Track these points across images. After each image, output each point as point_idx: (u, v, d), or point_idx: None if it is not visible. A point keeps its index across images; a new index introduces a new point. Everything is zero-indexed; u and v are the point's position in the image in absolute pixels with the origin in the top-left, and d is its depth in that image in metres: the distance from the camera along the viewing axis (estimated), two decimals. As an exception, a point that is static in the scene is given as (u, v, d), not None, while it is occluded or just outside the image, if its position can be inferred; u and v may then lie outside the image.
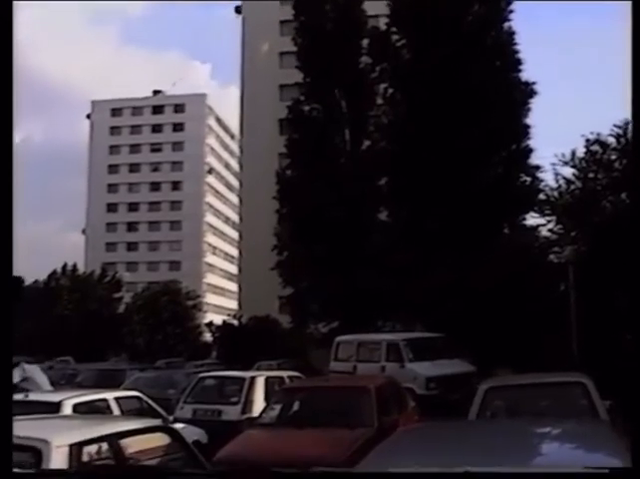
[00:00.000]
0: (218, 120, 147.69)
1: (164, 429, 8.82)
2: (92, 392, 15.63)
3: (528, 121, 39.50)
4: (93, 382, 27.98)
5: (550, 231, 39.48)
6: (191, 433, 14.48)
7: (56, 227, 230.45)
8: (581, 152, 38.79)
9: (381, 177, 42.59)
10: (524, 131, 39.30)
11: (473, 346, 30.31)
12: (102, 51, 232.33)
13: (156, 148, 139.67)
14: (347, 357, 28.53)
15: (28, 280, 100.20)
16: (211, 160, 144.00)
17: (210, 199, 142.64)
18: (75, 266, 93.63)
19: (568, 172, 39.74)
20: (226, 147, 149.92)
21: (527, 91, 39.13)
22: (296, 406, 15.41)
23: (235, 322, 64.07)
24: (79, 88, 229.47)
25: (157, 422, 10.08)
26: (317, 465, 11.52)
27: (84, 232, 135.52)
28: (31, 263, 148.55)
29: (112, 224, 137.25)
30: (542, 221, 39.75)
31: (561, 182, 39.66)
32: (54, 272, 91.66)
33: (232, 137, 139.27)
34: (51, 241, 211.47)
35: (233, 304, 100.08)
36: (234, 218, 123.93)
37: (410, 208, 38.27)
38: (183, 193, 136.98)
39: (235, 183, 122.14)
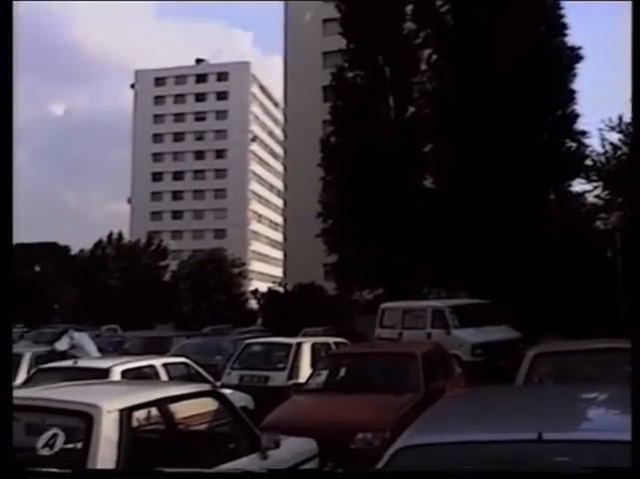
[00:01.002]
0: (262, 88, 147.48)
1: (213, 394, 8.81)
2: (140, 359, 15.77)
3: (574, 86, 39.16)
4: (140, 349, 28.09)
5: (597, 197, 39.27)
6: (238, 399, 14.53)
7: (101, 196, 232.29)
8: (628, 117, 38.42)
9: (425, 143, 42.35)
10: (570, 96, 38.93)
11: (519, 313, 30.18)
12: (144, 22, 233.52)
13: (200, 116, 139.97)
14: (392, 324, 28.57)
15: (74, 250, 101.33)
16: (255, 128, 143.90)
17: (255, 166, 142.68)
18: (120, 235, 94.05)
19: (615, 137, 39.42)
20: (270, 114, 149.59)
21: (573, 56, 38.71)
22: (343, 372, 15.46)
23: (281, 289, 64.25)
24: (122, 59, 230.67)
25: (205, 387, 10.14)
26: (363, 430, 11.63)
27: (129, 201, 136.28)
28: (76, 233, 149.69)
29: (157, 192, 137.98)
30: (589, 187, 39.52)
31: (608, 147, 39.41)
32: (100, 241, 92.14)
33: (276, 105, 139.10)
34: (96, 211, 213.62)
35: (278, 272, 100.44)
36: (279, 185, 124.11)
37: (455, 174, 38.06)
38: (228, 161, 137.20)
39: (279, 150, 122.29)
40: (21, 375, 16.98)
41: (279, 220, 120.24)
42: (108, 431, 6.37)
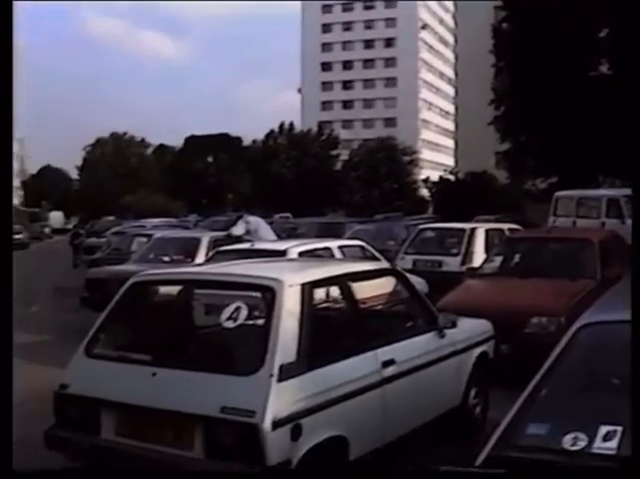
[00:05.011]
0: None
1: (393, 272, 8.86)
2: (316, 241, 15.87)
3: None
4: (314, 235, 28.11)
5: None
6: (413, 282, 14.56)
7: (272, 87, 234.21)
8: None
9: (601, 28, 40.92)
10: None
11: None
12: None
13: (368, 5, 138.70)
14: (566, 213, 28.07)
15: (247, 141, 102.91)
16: (425, 16, 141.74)
17: (425, 55, 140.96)
18: (292, 125, 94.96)
19: None
20: (440, 1, 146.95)
21: None
22: (518, 257, 15.22)
23: (452, 178, 63.92)
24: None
25: (385, 265, 10.20)
26: (538, 315, 11.56)
27: (299, 91, 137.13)
28: (249, 124, 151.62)
29: (327, 82, 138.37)
30: None
31: None
32: (272, 132, 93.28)
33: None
34: (268, 102, 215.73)
35: (449, 160, 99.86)
36: (449, 73, 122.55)
37: (632, 59, 36.64)
38: (397, 49, 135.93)
39: (450, 38, 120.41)
40: (199, 258, 17.41)
41: (450, 108, 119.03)
42: (290, 305, 6.43)
